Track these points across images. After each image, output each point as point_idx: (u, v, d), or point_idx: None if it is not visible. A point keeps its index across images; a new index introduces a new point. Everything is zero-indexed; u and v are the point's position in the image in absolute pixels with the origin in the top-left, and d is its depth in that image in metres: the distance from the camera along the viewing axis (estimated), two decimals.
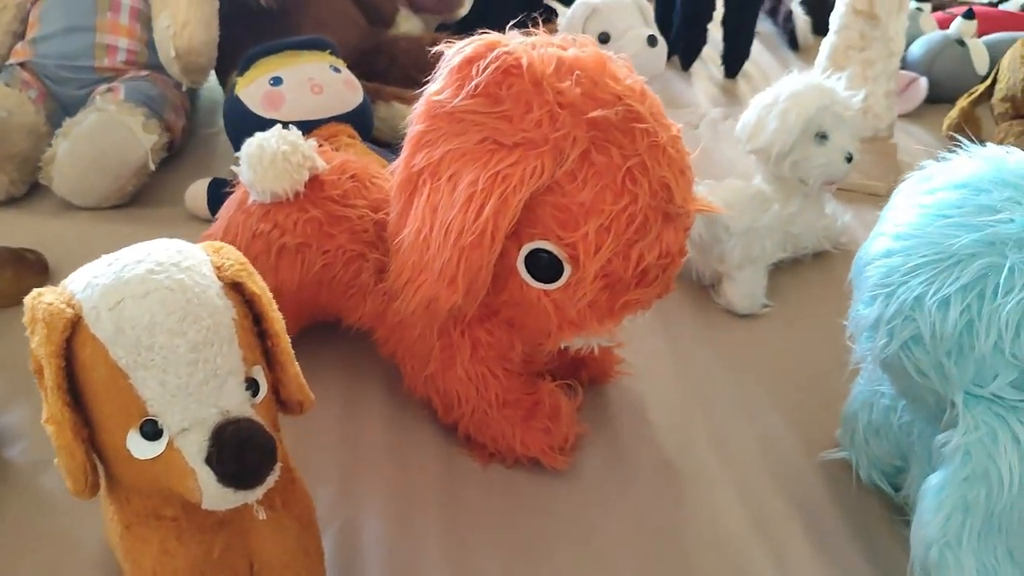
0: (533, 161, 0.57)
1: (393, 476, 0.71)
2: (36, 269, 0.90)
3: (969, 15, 1.33)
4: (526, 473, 0.71)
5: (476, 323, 0.68)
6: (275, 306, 0.51)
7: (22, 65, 1.11)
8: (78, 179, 1.00)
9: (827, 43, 1.07)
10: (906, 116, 1.29)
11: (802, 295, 0.93)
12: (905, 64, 1.35)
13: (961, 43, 1.30)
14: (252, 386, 0.48)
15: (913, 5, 1.42)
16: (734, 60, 1.40)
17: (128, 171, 1.00)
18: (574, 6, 1.04)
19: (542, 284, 0.62)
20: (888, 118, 1.08)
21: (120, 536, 0.50)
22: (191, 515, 0.49)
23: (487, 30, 0.61)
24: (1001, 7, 1.60)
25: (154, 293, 0.45)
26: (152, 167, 1.02)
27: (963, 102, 1.15)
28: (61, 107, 1.10)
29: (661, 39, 1.02)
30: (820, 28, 1.52)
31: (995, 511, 0.53)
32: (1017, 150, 0.57)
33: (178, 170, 1.12)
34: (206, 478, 0.45)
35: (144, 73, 1.11)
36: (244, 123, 0.99)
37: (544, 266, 0.61)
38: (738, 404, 0.79)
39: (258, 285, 0.49)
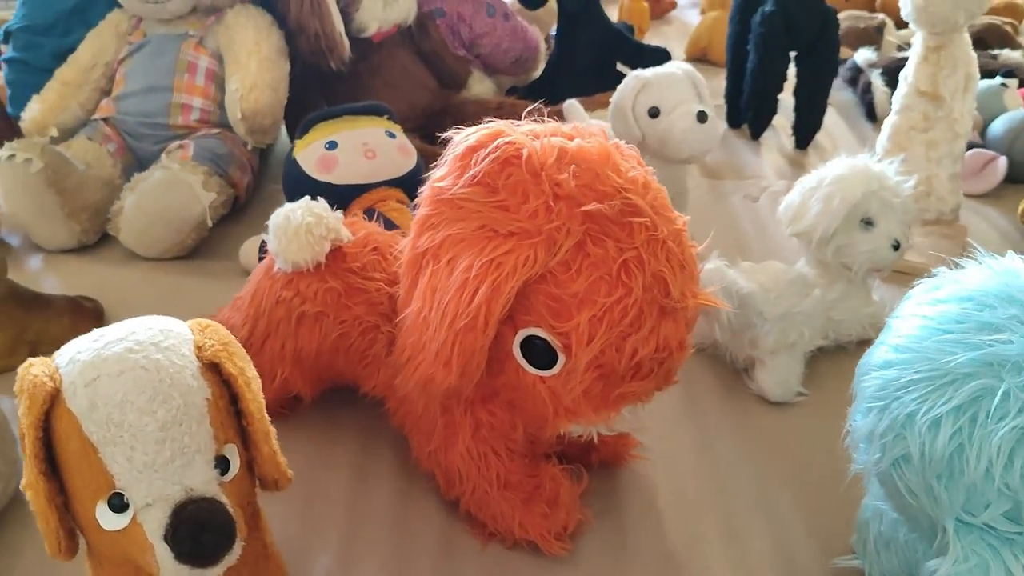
0: (527, 250, 0.58)
1: (392, 549, 0.71)
2: (92, 316, 0.95)
3: None
4: (524, 555, 0.70)
5: (479, 403, 0.68)
6: (254, 386, 0.52)
7: (105, 120, 1.19)
8: (142, 232, 1.06)
9: (888, 123, 1.04)
10: (983, 197, 1.24)
11: (841, 385, 0.88)
12: (985, 142, 1.30)
13: None
14: (222, 464, 0.50)
15: (997, 81, 1.36)
16: (805, 131, 1.37)
17: (188, 226, 1.05)
18: (626, 79, 1.04)
19: (537, 371, 0.62)
20: (952, 202, 1.04)
21: None
22: None
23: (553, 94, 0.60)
24: None
25: (128, 372, 0.47)
26: (210, 223, 1.07)
27: None
28: (137, 161, 1.17)
29: (713, 115, 1.01)
30: None
31: None
32: None
33: (240, 224, 1.17)
34: (163, 554, 0.46)
35: (215, 131, 1.17)
36: (299, 185, 1.03)
37: (540, 352, 0.61)
38: (756, 499, 0.76)
39: (236, 366, 0.51)
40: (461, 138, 0.62)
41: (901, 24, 1.78)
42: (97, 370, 0.47)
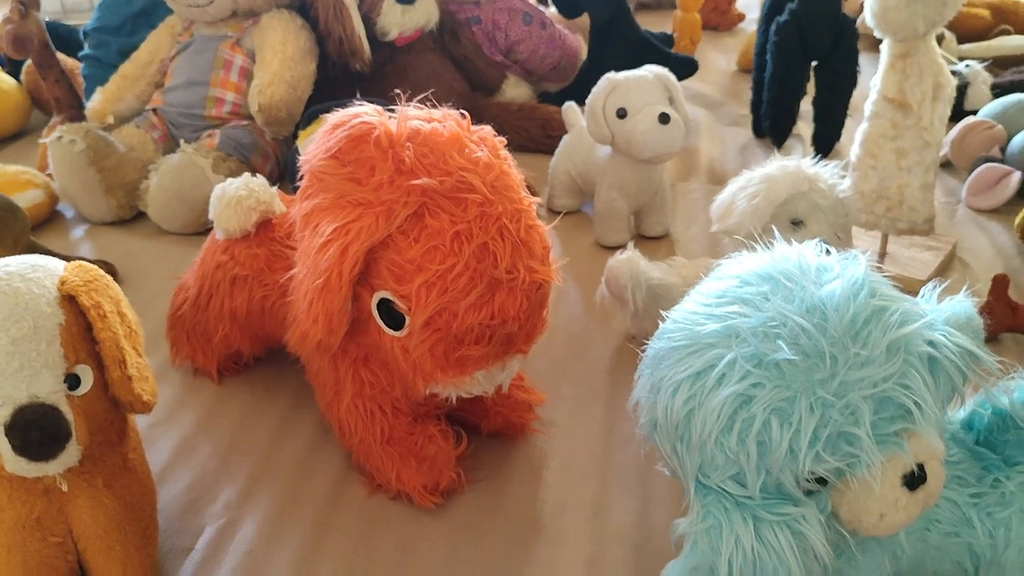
0: (370, 219, 0.65)
1: (288, 489, 0.79)
2: None
3: None
4: (401, 506, 0.77)
5: (360, 362, 0.75)
6: (111, 319, 0.61)
7: (154, 110, 1.34)
8: (163, 207, 1.19)
9: (860, 130, 1.03)
10: (991, 212, 1.20)
11: None
12: (1005, 157, 1.25)
13: None
14: (73, 380, 0.59)
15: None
16: (824, 140, 1.36)
17: (201, 204, 1.17)
18: (599, 81, 1.09)
19: (392, 331, 0.68)
20: (925, 212, 1.01)
21: None
22: (20, 479, 0.60)
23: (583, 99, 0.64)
24: None
25: None
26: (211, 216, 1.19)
27: None
28: (177, 146, 1.31)
29: (676, 117, 1.04)
30: None
31: None
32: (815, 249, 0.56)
33: None
34: (4, 447, 0.56)
35: (244, 123, 1.29)
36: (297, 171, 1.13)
37: (391, 314, 0.67)
38: (637, 479, 0.79)
39: (92, 300, 0.60)
40: (331, 117, 0.69)
41: (962, 39, 1.72)
42: None
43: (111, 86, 1.35)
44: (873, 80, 1.01)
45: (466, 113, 0.70)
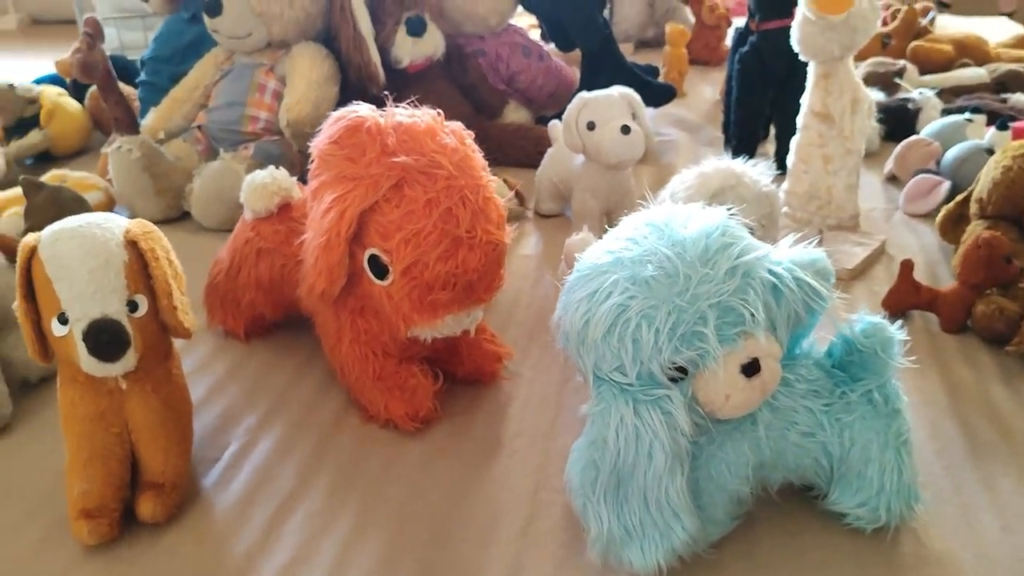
0: (361, 190, 0.83)
1: (297, 420, 0.97)
2: None
3: (1003, 126, 1.37)
4: (388, 432, 0.94)
5: (356, 312, 0.93)
6: (162, 261, 0.79)
7: (199, 127, 1.55)
8: (204, 207, 1.40)
9: (794, 141, 1.21)
10: (923, 216, 1.36)
11: None
12: (939, 169, 1.42)
13: (991, 152, 1.35)
14: (132, 305, 0.78)
15: (963, 116, 1.48)
16: (781, 156, 1.53)
17: (236, 203, 1.36)
18: (574, 99, 1.27)
19: (379, 281, 0.86)
20: (850, 209, 1.18)
21: (58, 391, 0.82)
22: (91, 382, 0.79)
23: None
24: None
25: (75, 237, 0.76)
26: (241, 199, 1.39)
27: (953, 203, 1.21)
28: (216, 158, 1.52)
29: (636, 128, 1.22)
30: (894, 135, 1.61)
31: (616, 469, 0.69)
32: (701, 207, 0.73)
33: None
34: (81, 350, 0.75)
35: (275, 138, 1.50)
36: None
37: (378, 266, 0.86)
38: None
39: (148, 246, 0.79)
40: (334, 114, 0.88)
41: (925, 71, 1.89)
42: (58, 235, 0.76)
43: (163, 107, 1.56)
44: (802, 97, 1.19)
45: (442, 111, 0.89)
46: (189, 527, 0.82)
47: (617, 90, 1.26)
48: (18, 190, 1.41)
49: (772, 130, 1.62)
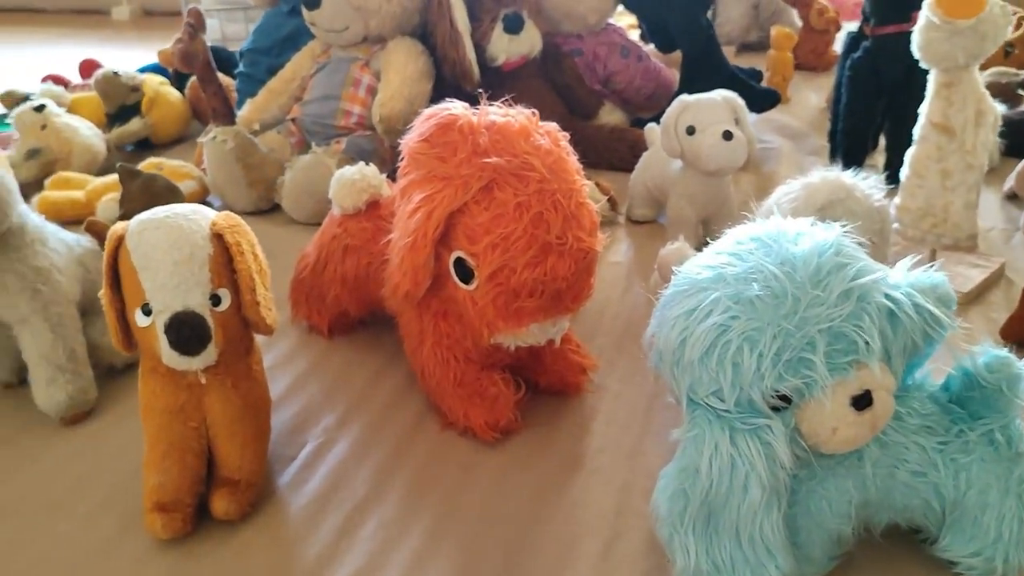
0: (451, 190, 0.80)
1: (376, 419, 0.95)
2: None
3: None
4: (467, 440, 0.91)
5: (440, 316, 0.91)
6: (247, 256, 0.78)
7: (293, 120, 1.56)
8: (295, 200, 1.40)
9: (909, 153, 1.13)
10: None
11: None
12: None
13: None
14: (215, 299, 0.76)
15: None
16: (893, 169, 1.44)
17: (326, 197, 1.36)
18: (674, 102, 1.22)
19: (464, 285, 0.83)
20: (968, 229, 1.10)
21: (139, 382, 0.81)
22: (171, 375, 0.78)
23: None
24: None
25: (162, 228, 0.75)
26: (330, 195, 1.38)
27: None
28: (309, 151, 1.51)
29: (739, 134, 1.16)
30: (1016, 150, 1.50)
31: (707, 500, 0.64)
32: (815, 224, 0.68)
33: None
34: (163, 342, 0.74)
35: (368, 133, 1.49)
36: None
37: (464, 270, 0.83)
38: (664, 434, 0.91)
39: (234, 239, 0.77)
40: (426, 111, 0.86)
41: None
42: (145, 225, 0.76)
43: (259, 98, 1.57)
44: (921, 107, 1.11)
45: (536, 111, 0.85)
46: (262, 526, 0.81)
47: (720, 94, 1.21)
48: (116, 177, 1.44)
49: (882, 141, 1.53)
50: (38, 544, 0.79)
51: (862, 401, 0.61)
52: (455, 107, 0.84)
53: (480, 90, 0.91)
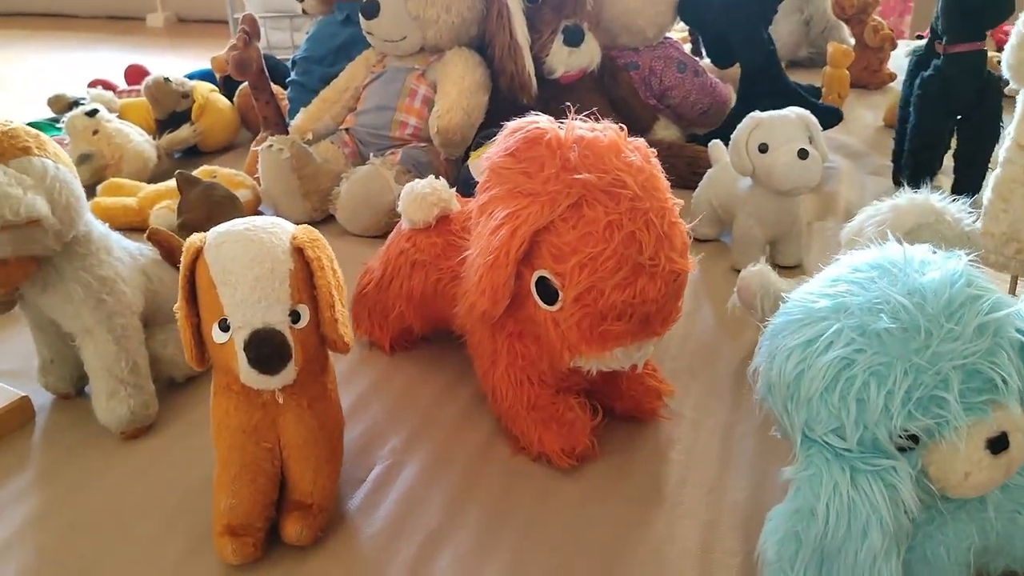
0: (537, 206, 0.77)
1: (444, 443, 0.91)
2: None
3: None
4: (541, 467, 0.87)
5: (515, 336, 0.87)
6: (328, 271, 0.75)
7: (347, 130, 1.53)
8: (351, 211, 1.37)
9: (993, 175, 1.09)
10: None
11: None
12: None
13: None
14: (295, 316, 0.73)
15: None
16: (962, 192, 1.40)
17: (383, 210, 1.35)
18: (745, 119, 1.19)
19: (546, 306, 0.80)
20: None
21: (211, 399, 0.78)
22: (246, 393, 0.75)
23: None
24: None
25: (242, 241, 0.72)
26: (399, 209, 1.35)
27: None
28: (363, 162, 1.49)
29: (815, 154, 1.12)
30: None
31: (821, 545, 0.61)
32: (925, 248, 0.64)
33: None
34: (241, 360, 0.71)
35: (423, 144, 1.46)
36: (467, 185, 1.28)
37: (547, 290, 0.79)
38: (752, 466, 0.87)
39: (315, 253, 0.74)
40: (510, 124, 0.83)
41: None
42: (224, 238, 0.73)
43: (313, 108, 1.55)
44: (1008, 128, 1.07)
45: (624, 126, 0.82)
46: (334, 553, 0.77)
47: (793, 111, 1.17)
48: (169, 183, 1.42)
49: (947, 162, 1.49)
50: (105, 569, 0.76)
51: (999, 444, 0.57)
52: (541, 120, 0.81)
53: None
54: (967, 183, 1.40)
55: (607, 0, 1.58)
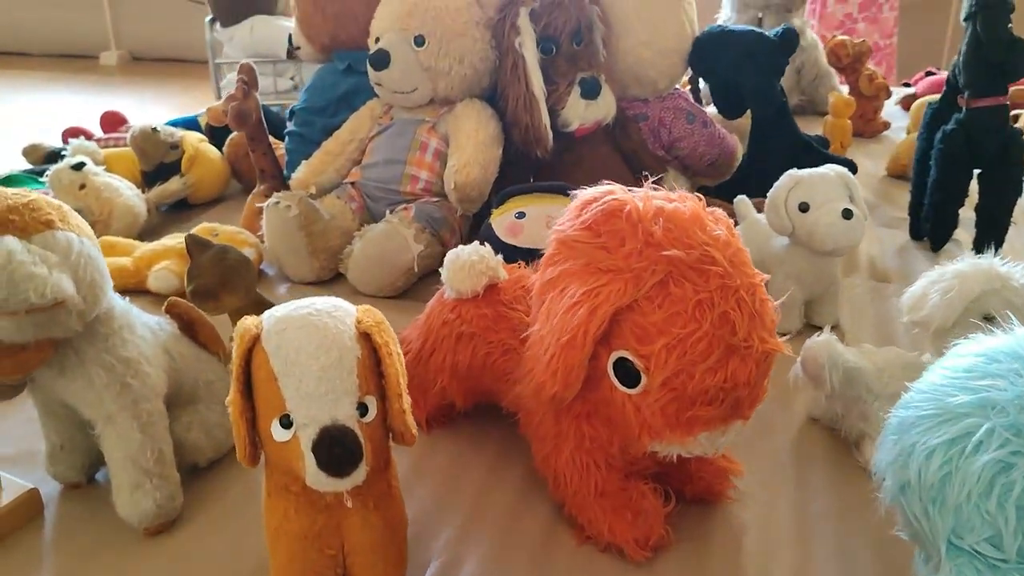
0: (619, 284, 0.72)
1: (502, 535, 0.85)
2: None
3: None
4: (611, 558, 0.81)
5: (583, 417, 0.81)
6: (395, 357, 0.69)
7: (352, 184, 1.47)
8: (363, 271, 1.30)
9: None
10: None
11: None
12: None
13: None
14: (362, 408, 0.67)
15: None
16: (985, 247, 1.39)
17: (399, 270, 1.28)
18: (782, 176, 1.15)
19: (625, 388, 0.74)
20: None
21: (264, 500, 0.71)
22: (307, 495, 0.68)
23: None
24: None
25: (306, 327, 0.66)
26: (415, 269, 1.29)
27: None
28: (372, 218, 1.43)
29: (858, 213, 1.09)
30: None
31: None
32: None
33: None
34: (309, 462, 0.64)
35: (435, 199, 1.41)
36: (491, 243, 1.22)
37: (627, 372, 0.74)
38: (835, 552, 0.82)
39: (383, 338, 0.68)
40: (582, 194, 0.77)
41: None
42: (285, 323, 0.66)
43: (315, 160, 1.48)
44: None
45: (702, 196, 0.78)
46: None
47: (833, 169, 1.15)
48: (166, 242, 1.35)
49: (963, 214, 1.48)
50: None
51: None
52: (617, 191, 0.76)
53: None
54: (990, 238, 1.39)
55: (618, 51, 1.55)
